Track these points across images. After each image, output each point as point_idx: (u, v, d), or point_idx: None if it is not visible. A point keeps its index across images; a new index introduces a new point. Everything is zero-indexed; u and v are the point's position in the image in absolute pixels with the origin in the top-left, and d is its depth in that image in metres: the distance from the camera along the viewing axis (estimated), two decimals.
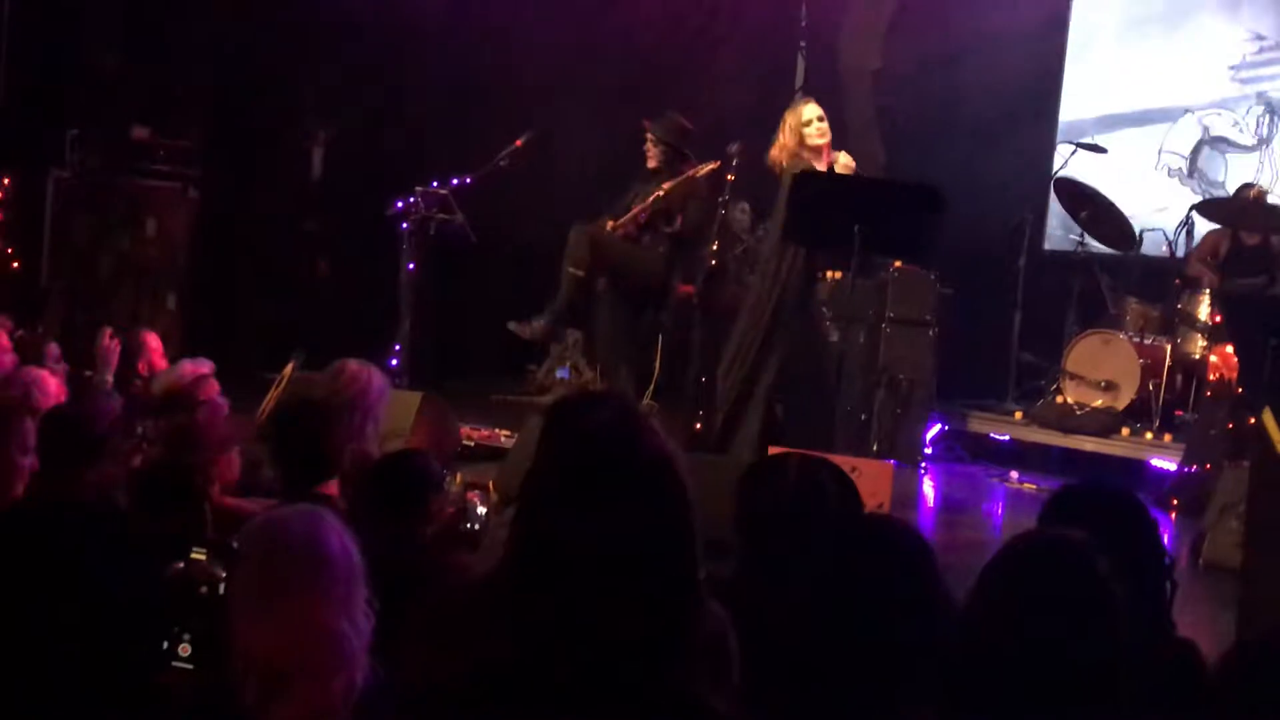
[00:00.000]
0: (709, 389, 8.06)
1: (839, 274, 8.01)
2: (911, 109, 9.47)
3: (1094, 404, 8.56)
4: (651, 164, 8.08)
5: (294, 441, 4.07)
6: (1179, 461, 7.90)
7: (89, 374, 6.08)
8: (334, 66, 9.62)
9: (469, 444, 7.38)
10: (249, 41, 9.42)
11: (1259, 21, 9.67)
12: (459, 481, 5.02)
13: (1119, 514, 3.03)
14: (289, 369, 6.36)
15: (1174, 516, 7.30)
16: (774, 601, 2.77)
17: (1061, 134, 9.91)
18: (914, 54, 9.42)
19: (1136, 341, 8.57)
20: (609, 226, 8.11)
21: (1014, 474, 8.33)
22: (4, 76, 9.04)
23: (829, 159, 7.21)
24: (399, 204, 8.23)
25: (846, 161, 7.28)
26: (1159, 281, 8.97)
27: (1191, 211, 8.80)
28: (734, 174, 7.58)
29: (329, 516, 2.32)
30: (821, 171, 7.21)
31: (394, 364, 8.09)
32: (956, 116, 9.39)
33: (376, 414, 4.91)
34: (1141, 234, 9.07)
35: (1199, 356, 8.35)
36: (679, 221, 7.92)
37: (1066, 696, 2.24)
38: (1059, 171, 9.25)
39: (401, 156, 9.19)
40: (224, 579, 1.99)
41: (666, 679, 2.08)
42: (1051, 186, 9.36)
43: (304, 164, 9.98)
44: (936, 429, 8.76)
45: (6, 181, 8.85)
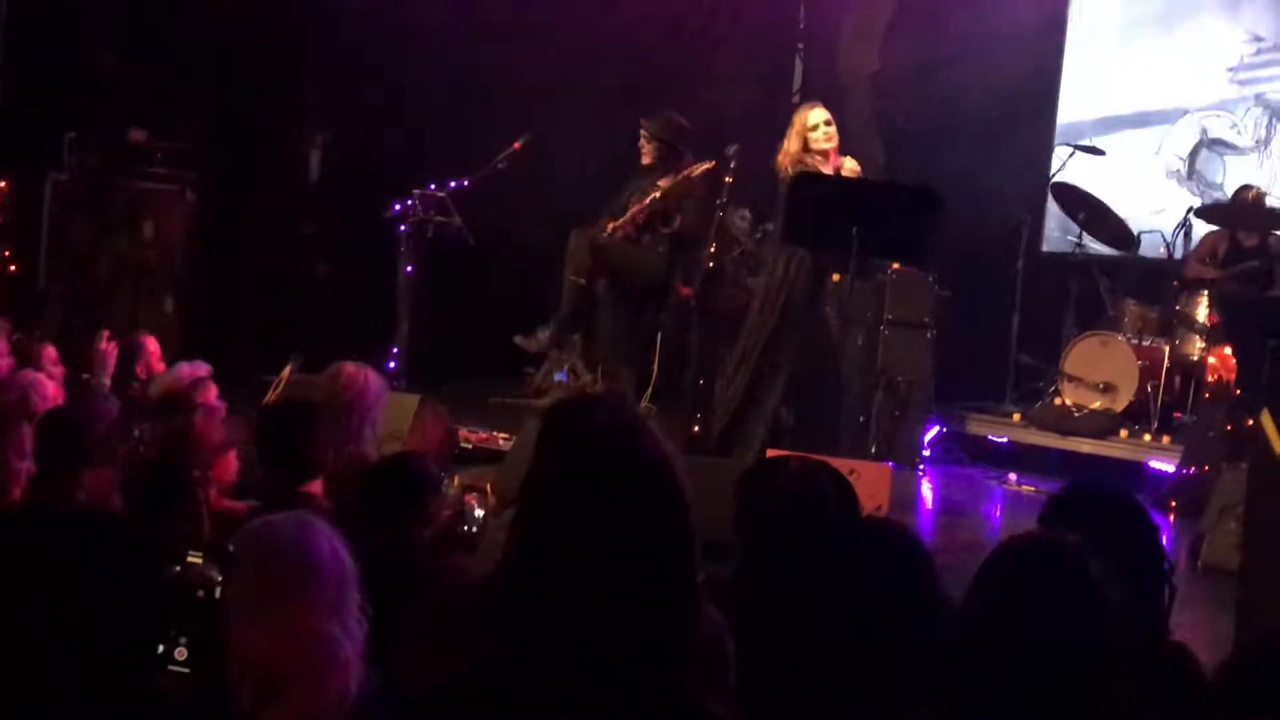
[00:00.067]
0: (707, 392, 8.06)
1: (837, 276, 8.01)
2: (910, 111, 9.48)
3: (1092, 406, 8.56)
4: (646, 160, 8.11)
5: (278, 441, 4.08)
6: (1177, 463, 7.90)
7: (86, 377, 6.07)
8: (332, 69, 9.60)
9: (467, 447, 7.37)
10: (247, 44, 9.40)
11: (1257, 23, 9.66)
12: (456, 484, 5.02)
13: (1119, 516, 3.03)
14: (286, 371, 6.36)
15: (1172, 518, 7.29)
16: (772, 604, 2.77)
17: (1060, 136, 9.89)
18: (912, 56, 9.41)
19: (1135, 343, 8.57)
20: (608, 228, 8.11)
21: (1012, 476, 8.32)
22: (2, 78, 9.03)
23: (835, 164, 7.20)
24: (396, 206, 8.23)
25: (852, 166, 7.27)
26: (1157, 283, 8.97)
27: (1190, 214, 8.80)
28: (732, 176, 7.58)
29: (319, 522, 2.33)
30: (819, 173, 7.20)
31: (392, 366, 8.09)
32: (954, 118, 9.38)
33: (374, 417, 4.90)
34: (1139, 236, 9.06)
35: (1197, 358, 8.34)
36: (677, 221, 7.93)
37: (1061, 698, 2.24)
38: (1057, 173, 9.25)
39: (400, 159, 9.18)
40: (220, 583, 1.99)
41: (664, 681, 2.08)
42: (1049, 190, 9.36)
43: (302, 166, 9.96)
44: (935, 431, 8.76)
45: (4, 184, 8.83)
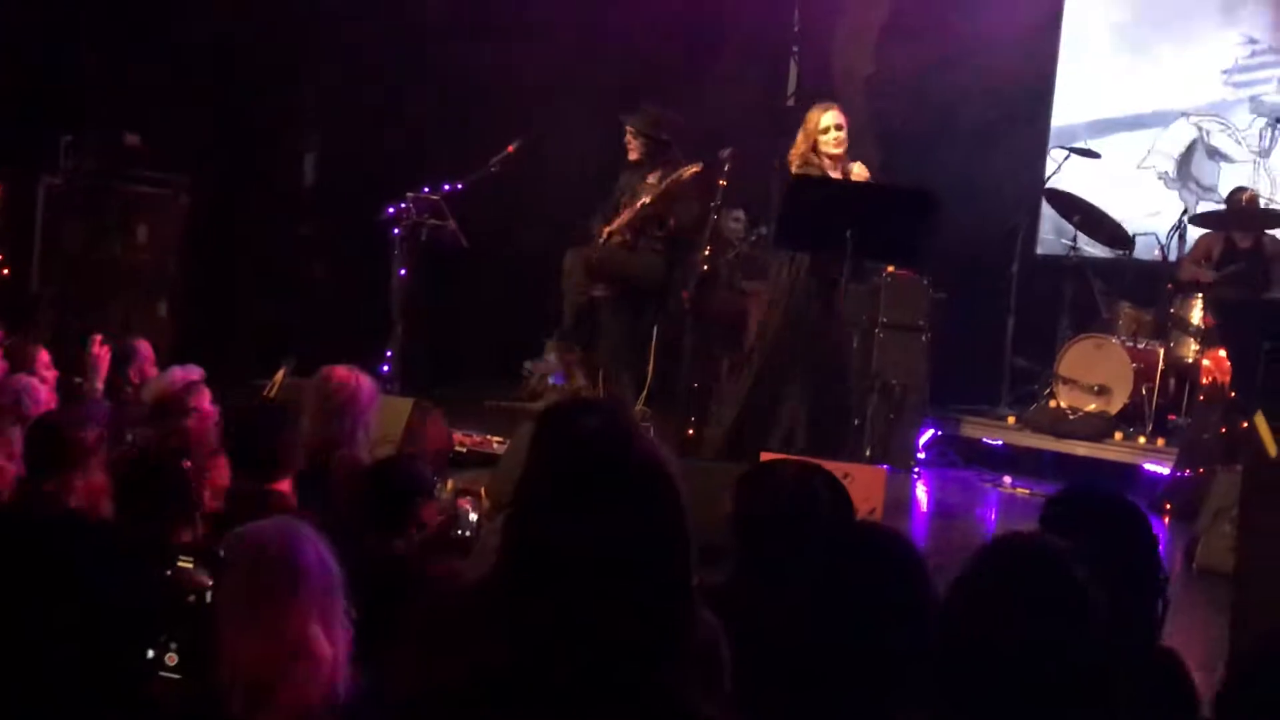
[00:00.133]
0: (702, 395, 8.07)
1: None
2: (904, 114, 9.47)
3: (1087, 408, 8.55)
4: (633, 156, 8.14)
5: (246, 441, 4.09)
6: (1172, 466, 7.89)
7: (79, 381, 6.05)
8: (327, 72, 9.60)
9: (461, 450, 7.36)
10: (241, 47, 9.38)
11: (1252, 25, 9.67)
12: (450, 488, 5.02)
13: (1117, 519, 3.03)
14: (280, 375, 6.35)
15: (1167, 521, 7.29)
16: (767, 608, 2.76)
17: (1054, 138, 9.90)
18: (907, 59, 9.41)
19: (1129, 346, 8.56)
20: (603, 234, 8.12)
21: (1007, 479, 8.32)
22: None
23: (845, 169, 7.21)
24: (390, 210, 8.22)
25: (860, 172, 7.26)
26: (1151, 286, 8.96)
27: (1184, 217, 8.80)
28: (726, 179, 7.58)
29: (305, 527, 2.33)
30: (814, 176, 7.20)
31: (385, 370, 8.08)
32: (949, 121, 9.38)
33: (366, 420, 4.89)
34: (1134, 238, 9.06)
35: (1191, 360, 8.35)
36: (671, 223, 7.93)
37: (1045, 699, 2.22)
38: (1052, 176, 9.24)
39: (395, 161, 9.16)
40: (210, 588, 1.98)
41: (660, 685, 2.07)
42: (1044, 194, 9.36)
43: (296, 170, 9.95)
44: (930, 434, 8.75)
45: None
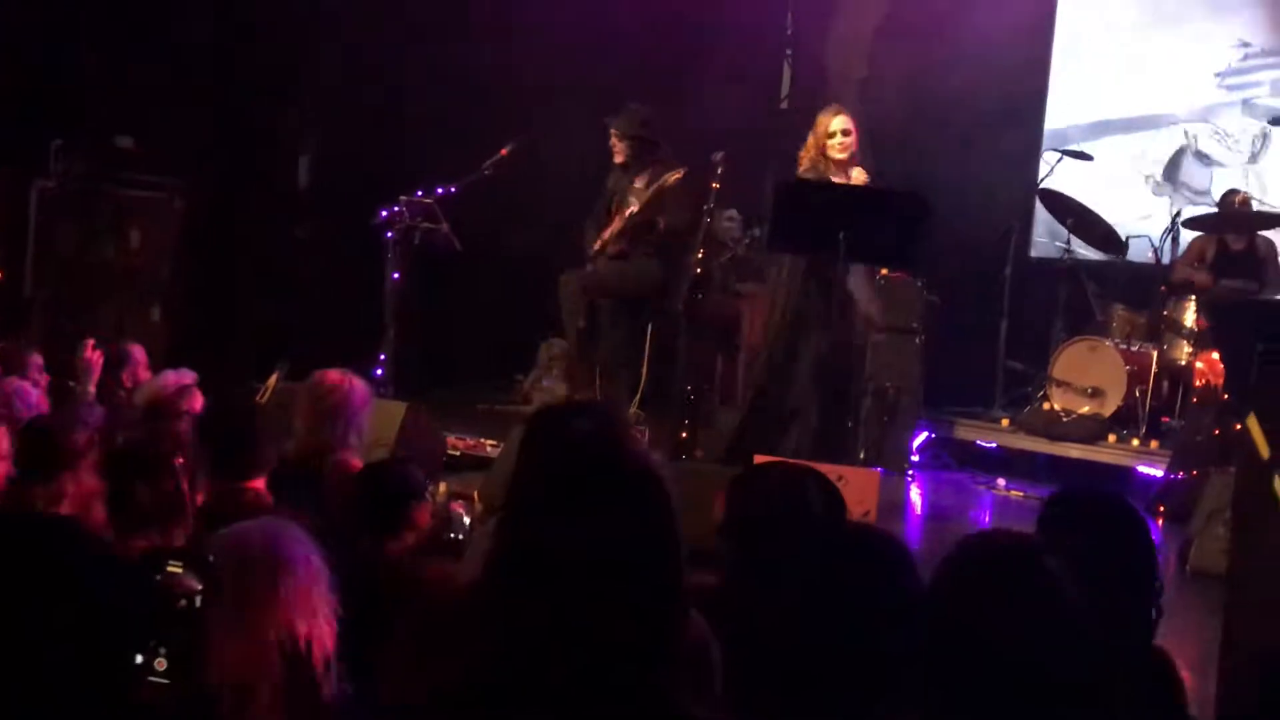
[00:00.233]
0: (697, 398, 8.06)
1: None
2: (898, 116, 9.47)
3: (1081, 411, 8.56)
4: (619, 159, 8.14)
5: (219, 439, 4.09)
6: (1165, 468, 7.90)
7: (72, 385, 6.04)
8: (321, 74, 9.59)
9: (455, 454, 7.37)
10: (235, 49, 9.38)
11: (1246, 28, 9.67)
12: (443, 491, 5.01)
13: (1114, 519, 3.03)
14: (273, 379, 6.35)
15: (1161, 523, 7.29)
16: (759, 610, 2.76)
17: (1047, 141, 9.90)
18: (900, 62, 9.41)
19: (1123, 348, 8.57)
20: (596, 247, 8.12)
21: (1001, 481, 8.33)
22: None
23: (848, 174, 7.24)
24: (384, 213, 8.22)
25: (859, 177, 7.29)
26: (1145, 288, 8.97)
27: (1178, 219, 8.81)
28: (719, 182, 7.58)
29: (292, 527, 2.33)
30: (808, 178, 7.21)
31: (379, 373, 8.06)
32: (943, 124, 9.38)
33: (359, 423, 4.89)
34: (1128, 240, 9.07)
35: (1185, 363, 8.35)
36: (661, 227, 7.93)
37: (1033, 698, 2.22)
38: (1045, 178, 9.24)
39: (389, 164, 9.16)
40: (200, 592, 1.98)
41: (650, 687, 2.07)
42: (1037, 196, 9.36)
43: (291, 173, 9.94)
44: (923, 437, 8.75)
45: None
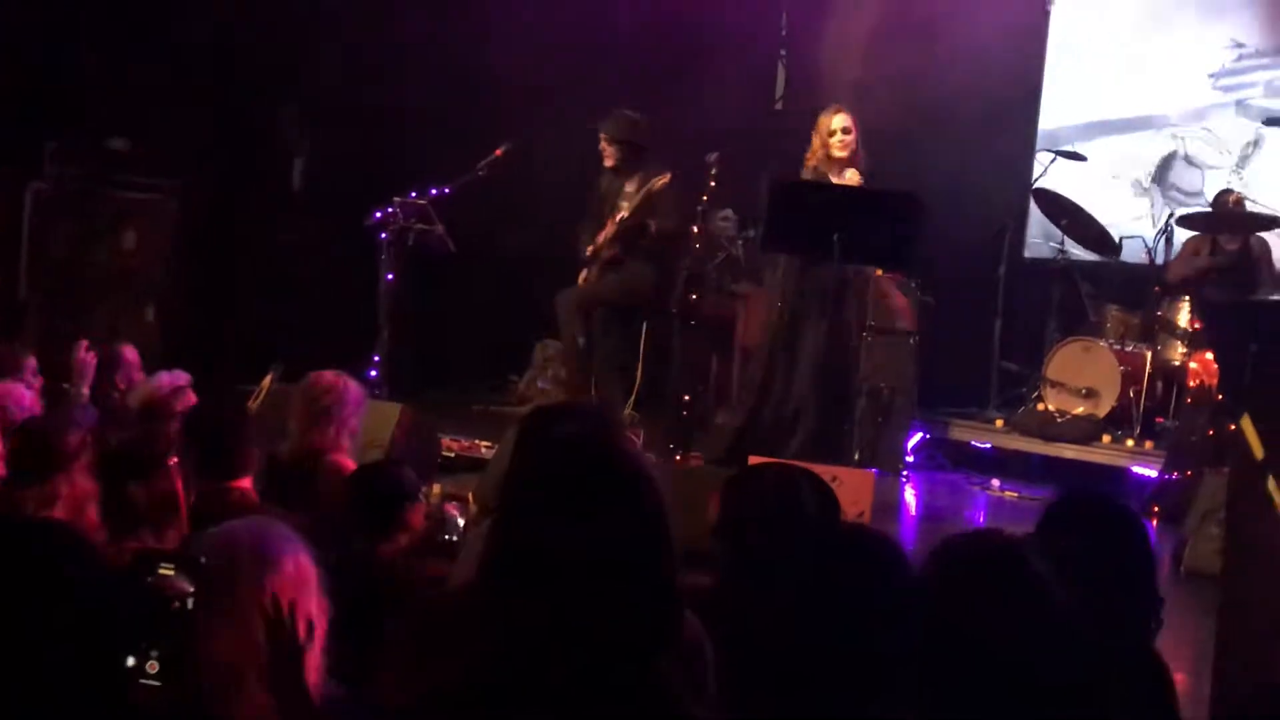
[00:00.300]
0: (692, 397, 8.07)
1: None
2: (891, 117, 9.48)
3: (1075, 411, 8.56)
4: (609, 163, 8.12)
5: (205, 439, 4.10)
6: (1160, 468, 7.91)
7: (66, 387, 6.03)
8: (316, 76, 9.58)
9: (449, 455, 7.36)
10: (229, 52, 9.37)
11: (1239, 29, 9.68)
12: (437, 493, 5.02)
13: (1113, 523, 3.04)
14: (267, 381, 6.34)
15: (1155, 524, 7.29)
16: (753, 611, 2.76)
17: (1041, 141, 9.91)
18: (894, 63, 9.41)
19: (1117, 349, 8.57)
20: (589, 251, 8.11)
21: (995, 482, 8.32)
22: None
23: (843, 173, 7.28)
24: (377, 214, 8.20)
25: (850, 177, 7.30)
26: (1139, 289, 8.97)
27: (1171, 220, 8.82)
28: (715, 182, 7.58)
29: (279, 526, 2.34)
30: (801, 179, 7.22)
31: (373, 375, 8.05)
32: (936, 124, 9.38)
33: (353, 425, 4.89)
34: (1121, 241, 9.07)
35: (1179, 363, 8.36)
36: (653, 229, 7.92)
37: (1025, 698, 2.22)
38: (1039, 179, 9.25)
39: (383, 166, 9.15)
40: (192, 594, 1.98)
41: (649, 686, 2.07)
42: (1031, 196, 9.36)
43: (285, 174, 9.94)
44: (918, 437, 8.76)
45: None
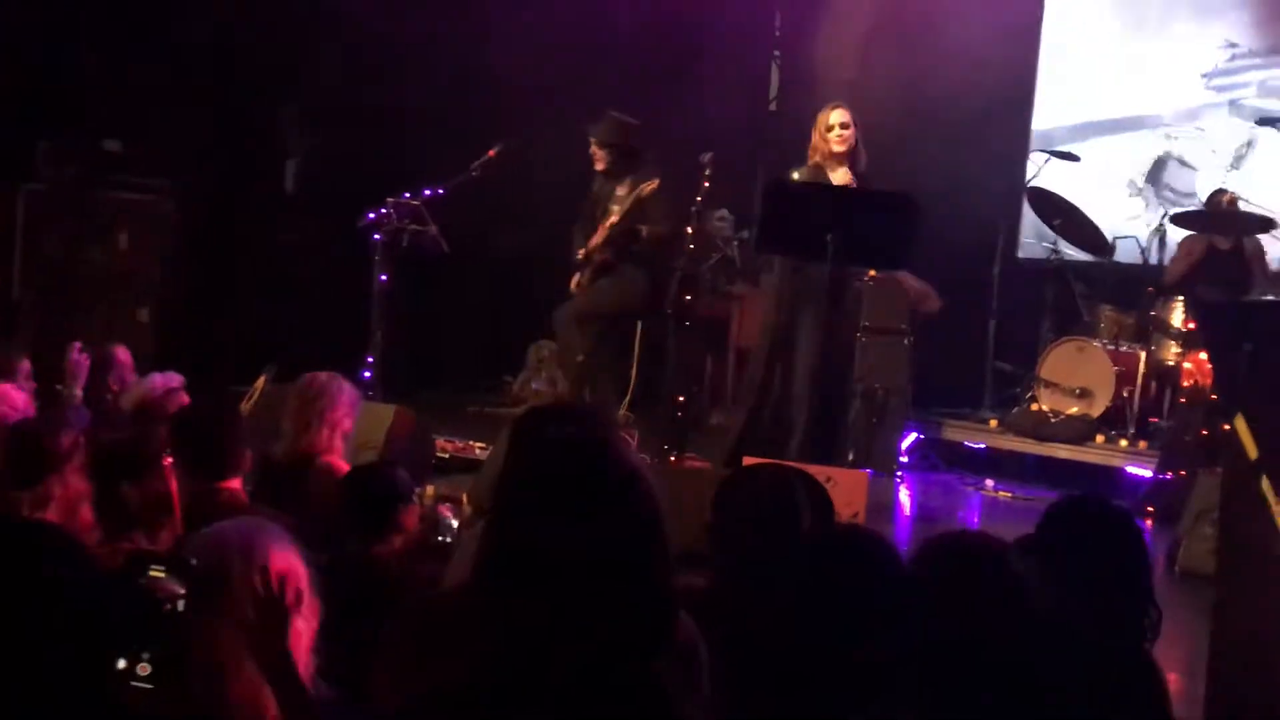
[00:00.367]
0: (687, 398, 8.06)
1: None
2: (885, 117, 9.48)
3: (1069, 411, 8.56)
4: (600, 167, 8.09)
5: (195, 439, 4.10)
6: (1154, 468, 7.91)
7: (59, 388, 6.03)
8: (311, 77, 9.58)
9: (444, 456, 7.36)
10: (224, 53, 9.37)
11: (1232, 29, 9.69)
12: (431, 494, 5.01)
13: (1111, 528, 3.04)
14: (261, 382, 6.34)
15: (1149, 524, 7.29)
16: (748, 612, 2.76)
17: (1034, 142, 9.92)
18: (888, 63, 9.42)
19: (1111, 349, 8.58)
20: (581, 255, 8.08)
21: (989, 482, 8.33)
22: None
23: (846, 166, 7.29)
24: (371, 215, 8.19)
25: (842, 178, 7.31)
26: (1132, 289, 8.98)
27: (1165, 220, 8.82)
28: (709, 183, 7.58)
29: (269, 526, 2.34)
30: (794, 180, 7.23)
31: (367, 376, 8.04)
32: (930, 125, 9.39)
33: (346, 426, 4.89)
34: (1115, 241, 9.08)
35: (1173, 363, 8.36)
36: (644, 234, 7.90)
37: (1015, 697, 2.23)
38: (1032, 180, 9.26)
39: (376, 166, 9.14)
40: (183, 596, 1.97)
41: (640, 688, 2.06)
42: (1025, 197, 9.37)
43: (278, 176, 9.93)
44: (912, 438, 8.76)
45: None
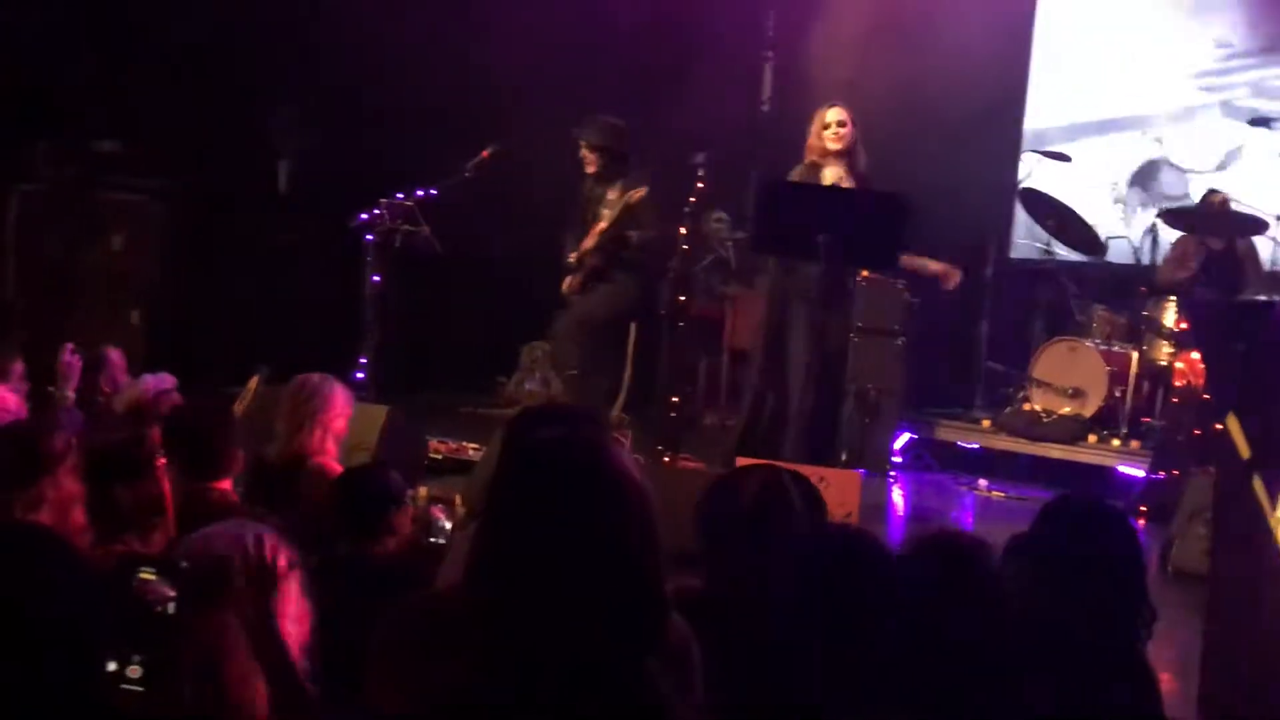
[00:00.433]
0: (680, 400, 8.05)
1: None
2: (878, 118, 9.49)
3: (1061, 411, 8.57)
4: (590, 170, 8.06)
5: (186, 440, 4.09)
6: (1146, 468, 7.92)
7: (51, 389, 6.01)
8: (303, 78, 9.57)
9: (436, 457, 7.36)
10: (217, 55, 9.36)
11: (1225, 29, 9.70)
12: (424, 495, 5.00)
13: (1109, 530, 3.05)
14: (253, 383, 6.33)
15: (1142, 524, 7.31)
16: (740, 614, 2.76)
17: (1027, 142, 9.93)
18: (881, 64, 9.42)
19: (1103, 349, 8.58)
20: (573, 259, 8.07)
21: (982, 482, 8.34)
22: None
23: (843, 165, 7.31)
24: (364, 216, 8.18)
25: (830, 177, 7.32)
26: (1125, 289, 8.99)
27: (1157, 219, 8.83)
28: (702, 183, 7.58)
29: (259, 528, 2.33)
30: (787, 180, 7.23)
31: (360, 377, 8.03)
32: (923, 125, 9.39)
33: (339, 428, 4.88)
34: (1107, 242, 9.09)
35: (1165, 363, 8.37)
36: (634, 240, 7.89)
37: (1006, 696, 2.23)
38: (1025, 180, 9.27)
39: (369, 167, 9.14)
40: (173, 599, 1.97)
41: (632, 690, 2.06)
42: (1017, 197, 9.38)
43: (271, 177, 9.92)
44: (905, 438, 8.77)
45: None
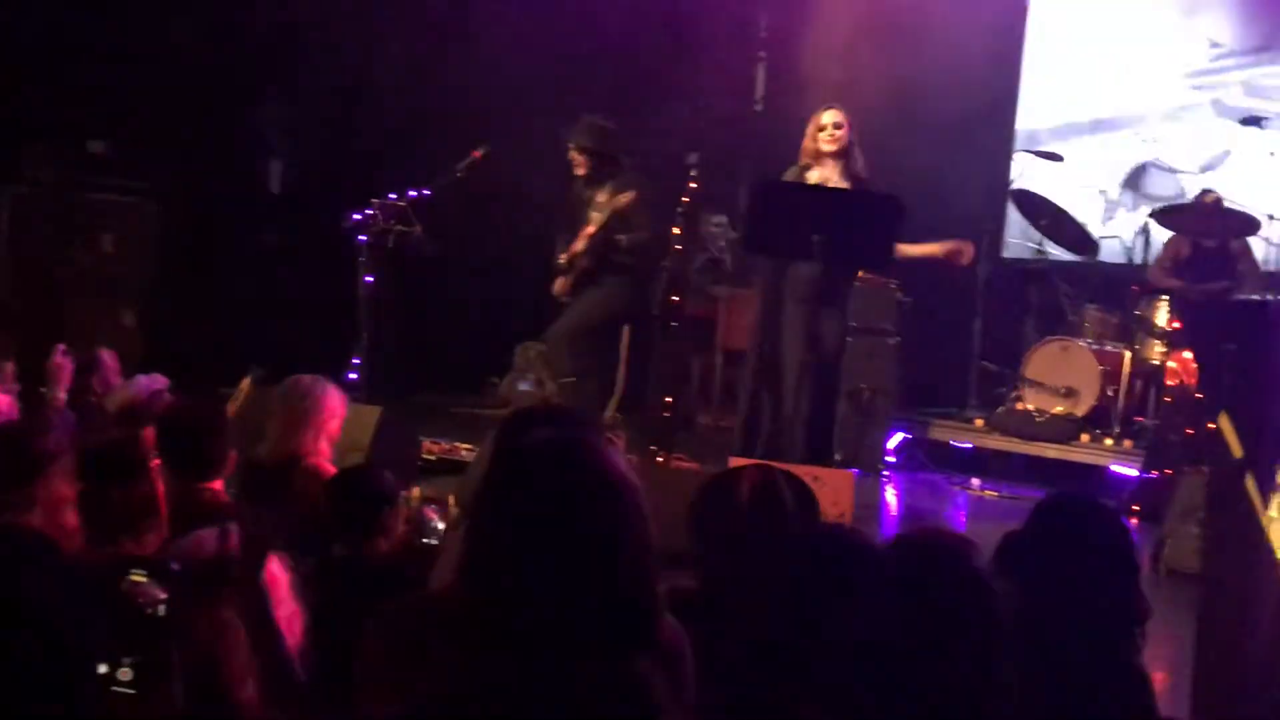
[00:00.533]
0: (674, 401, 8.06)
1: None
2: (871, 118, 9.49)
3: (1054, 411, 8.58)
4: (580, 172, 8.02)
5: (178, 440, 4.09)
6: (1139, 467, 7.93)
7: (43, 391, 6.00)
8: (295, 78, 9.57)
9: (430, 458, 7.35)
10: (210, 54, 9.35)
11: (1216, 29, 9.71)
12: (417, 496, 5.00)
13: (1103, 529, 3.05)
14: (246, 384, 6.32)
15: (1135, 523, 7.31)
16: (734, 614, 2.76)
17: (1019, 142, 9.94)
18: (873, 64, 9.42)
19: (1096, 348, 8.60)
20: (563, 261, 8.05)
21: (975, 481, 8.35)
22: None
23: (837, 167, 7.30)
24: (357, 216, 8.16)
25: (820, 176, 7.33)
26: (1117, 288, 9.00)
27: (1149, 219, 8.84)
28: (694, 184, 7.58)
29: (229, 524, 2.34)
30: (782, 181, 7.23)
31: (352, 378, 8.02)
32: (915, 126, 9.39)
33: (332, 429, 4.88)
34: (1099, 242, 9.10)
35: (1158, 362, 8.38)
36: (624, 243, 7.87)
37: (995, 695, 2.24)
38: (1017, 181, 9.28)
39: (362, 167, 9.13)
40: (165, 601, 1.96)
41: (624, 690, 2.06)
42: (1010, 197, 9.39)
43: (263, 177, 9.91)
44: (898, 438, 8.78)
45: None
